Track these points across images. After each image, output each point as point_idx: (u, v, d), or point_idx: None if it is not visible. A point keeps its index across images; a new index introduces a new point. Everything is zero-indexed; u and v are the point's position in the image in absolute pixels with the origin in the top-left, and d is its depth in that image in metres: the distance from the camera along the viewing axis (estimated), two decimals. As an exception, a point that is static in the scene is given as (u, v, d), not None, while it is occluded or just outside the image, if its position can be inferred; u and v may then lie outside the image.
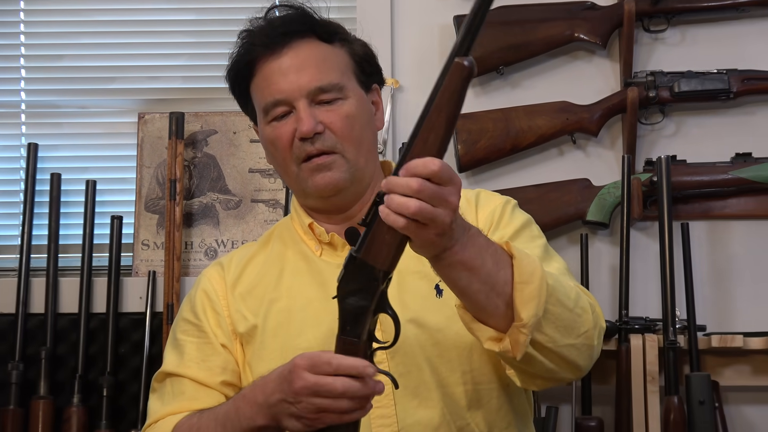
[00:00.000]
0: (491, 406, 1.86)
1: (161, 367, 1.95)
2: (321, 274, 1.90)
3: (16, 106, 2.88)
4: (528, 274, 1.60)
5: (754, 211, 2.70)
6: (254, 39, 1.92)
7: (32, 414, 2.61)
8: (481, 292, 1.59)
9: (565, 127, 2.70)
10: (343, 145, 1.87)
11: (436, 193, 1.45)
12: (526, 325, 1.59)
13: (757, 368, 2.61)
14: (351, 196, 1.92)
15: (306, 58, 1.88)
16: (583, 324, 1.71)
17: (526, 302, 1.59)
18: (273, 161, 1.96)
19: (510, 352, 1.61)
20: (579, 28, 2.70)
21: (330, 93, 1.87)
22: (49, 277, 2.69)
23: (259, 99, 1.92)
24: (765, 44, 2.74)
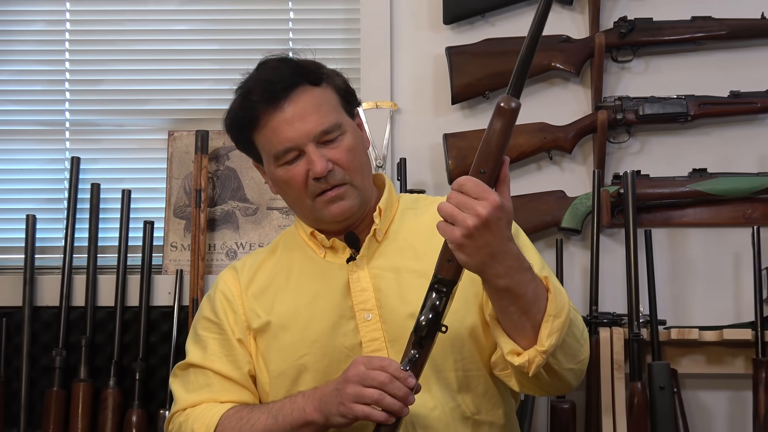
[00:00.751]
0: (479, 390, 1.86)
1: (185, 359, 1.96)
2: (325, 272, 1.90)
3: (61, 124, 2.88)
4: (558, 309, 1.67)
5: (708, 219, 2.70)
6: (254, 96, 1.89)
7: (73, 395, 2.60)
8: (516, 314, 1.65)
9: (543, 145, 2.70)
10: (351, 176, 1.88)
11: (462, 200, 1.54)
12: (546, 351, 1.66)
13: (711, 358, 2.60)
14: (359, 215, 1.93)
15: (305, 106, 1.87)
16: (583, 353, 1.79)
17: (552, 333, 1.66)
18: (285, 196, 1.95)
19: (526, 368, 1.67)
20: (555, 59, 2.70)
21: (332, 133, 1.87)
22: (89, 274, 2.69)
23: (268, 147, 1.89)
24: (719, 73, 2.73)
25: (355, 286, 1.87)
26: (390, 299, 1.85)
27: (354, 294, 1.86)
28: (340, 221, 1.90)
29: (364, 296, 1.86)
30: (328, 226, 1.92)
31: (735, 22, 2.70)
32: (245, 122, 1.91)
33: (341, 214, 1.87)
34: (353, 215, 1.90)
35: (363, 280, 1.88)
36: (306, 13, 2.87)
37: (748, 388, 2.52)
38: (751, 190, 2.64)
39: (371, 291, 1.86)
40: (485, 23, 2.78)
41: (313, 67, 1.93)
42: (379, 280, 1.87)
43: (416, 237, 1.92)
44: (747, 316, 2.62)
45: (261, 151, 1.93)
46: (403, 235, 1.94)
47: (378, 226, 1.91)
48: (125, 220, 2.72)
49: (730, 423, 2.66)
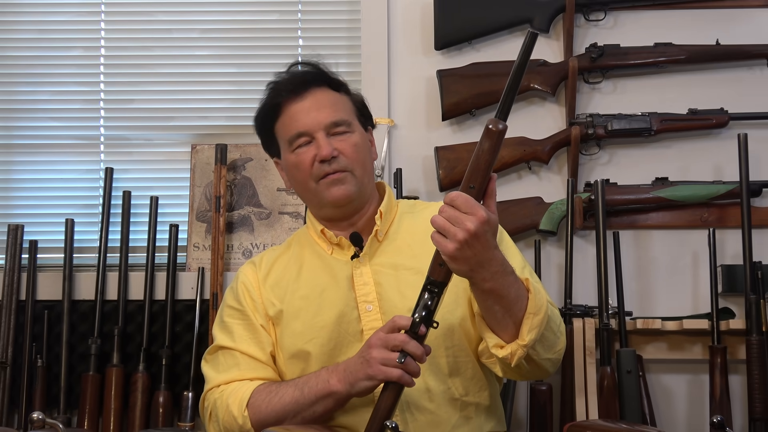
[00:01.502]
0: (467, 374, 1.86)
1: (213, 343, 1.94)
2: (332, 268, 1.90)
3: (96, 138, 2.86)
4: (537, 308, 1.68)
5: (670, 222, 2.69)
6: (280, 87, 1.94)
7: (107, 378, 2.59)
8: (500, 312, 1.67)
9: (523, 157, 2.68)
10: (352, 165, 1.88)
11: (452, 214, 1.55)
12: (527, 345, 1.68)
13: (672, 345, 2.59)
14: (356, 207, 1.93)
15: (322, 101, 1.91)
16: (560, 344, 1.80)
17: (532, 329, 1.68)
18: (293, 181, 1.95)
19: (509, 359, 1.69)
20: (534, 80, 2.69)
21: (341, 126, 1.90)
22: (121, 271, 2.67)
23: (284, 133, 1.92)
24: (678, 93, 2.73)
25: (358, 281, 1.87)
26: (389, 293, 1.84)
27: (357, 287, 1.86)
28: (340, 205, 1.89)
29: (366, 289, 1.86)
30: (330, 211, 1.92)
31: (693, 47, 2.68)
32: (269, 111, 1.94)
33: (340, 197, 1.87)
34: (351, 202, 1.90)
35: (365, 275, 1.88)
36: (313, 40, 2.86)
37: (705, 372, 2.51)
38: (707, 197, 2.63)
39: (372, 285, 1.86)
40: (472, 49, 2.77)
41: (336, 76, 1.98)
42: (380, 276, 1.88)
43: (413, 238, 1.92)
44: (704, 307, 2.61)
45: (280, 141, 1.95)
46: (401, 236, 1.94)
47: (379, 227, 1.92)
48: (153, 224, 2.70)
49: (688, 403, 2.64)
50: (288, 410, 1.74)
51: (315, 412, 1.73)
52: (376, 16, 2.78)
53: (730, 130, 2.66)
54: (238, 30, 2.88)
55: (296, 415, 1.74)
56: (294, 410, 1.74)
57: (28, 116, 2.87)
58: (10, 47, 2.88)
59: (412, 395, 1.79)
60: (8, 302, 2.63)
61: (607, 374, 2.41)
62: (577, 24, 2.73)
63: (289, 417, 1.74)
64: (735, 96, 2.70)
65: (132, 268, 2.70)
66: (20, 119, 2.87)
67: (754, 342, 2.37)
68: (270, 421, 1.75)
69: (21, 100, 2.88)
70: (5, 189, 2.85)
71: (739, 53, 2.69)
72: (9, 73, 2.88)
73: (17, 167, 2.86)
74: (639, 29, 2.74)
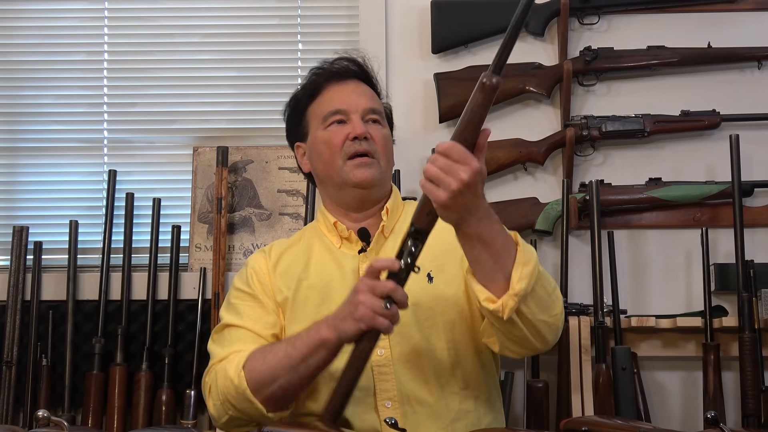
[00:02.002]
0: (467, 367, 1.86)
1: (220, 323, 1.92)
2: (340, 261, 1.91)
3: (99, 141, 2.88)
4: (527, 259, 1.65)
5: (663, 222, 2.70)
6: (324, 71, 1.98)
7: (111, 377, 2.60)
8: (488, 262, 1.64)
9: (519, 158, 2.70)
10: (379, 154, 1.92)
11: (445, 164, 1.53)
12: (518, 294, 1.63)
13: (666, 342, 2.60)
14: (373, 197, 1.94)
15: (363, 90, 1.97)
16: (556, 308, 1.75)
17: (522, 278, 1.64)
18: (319, 160, 1.95)
19: (500, 312, 1.64)
20: (529, 83, 2.70)
21: (377, 115, 1.94)
22: (124, 272, 2.68)
23: (319, 111, 1.95)
24: (671, 95, 2.74)
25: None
26: None
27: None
28: (362, 188, 1.90)
29: None
30: (349, 193, 1.92)
31: (685, 50, 2.70)
32: (308, 91, 1.97)
33: (364, 179, 1.89)
34: (373, 187, 1.92)
35: None
36: (312, 45, 2.88)
37: (698, 369, 2.52)
38: (700, 197, 2.64)
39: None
40: (468, 52, 2.78)
41: (377, 82, 2.03)
42: None
43: None
44: (697, 305, 2.62)
45: (310, 121, 1.96)
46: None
47: (386, 222, 1.93)
48: (156, 225, 2.71)
49: (682, 399, 2.65)
50: (282, 365, 1.71)
51: (309, 366, 1.69)
52: (374, 20, 2.79)
53: (722, 131, 2.68)
54: (238, 35, 2.89)
55: (291, 370, 1.70)
56: (288, 365, 1.71)
57: (32, 120, 2.88)
58: (14, 52, 2.90)
59: (412, 388, 1.80)
60: (13, 302, 2.64)
61: (603, 371, 2.42)
62: (571, 27, 2.75)
63: (283, 373, 1.71)
64: (727, 98, 2.72)
65: (135, 269, 2.71)
66: (25, 123, 2.89)
67: (746, 339, 2.38)
68: (265, 379, 1.72)
69: (26, 104, 2.89)
70: (10, 191, 2.87)
71: (731, 56, 2.71)
72: (14, 77, 2.89)
73: (22, 170, 2.87)
74: (632, 33, 2.76)
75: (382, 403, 1.79)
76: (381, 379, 1.80)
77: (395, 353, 1.81)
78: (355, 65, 2.01)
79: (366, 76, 2.01)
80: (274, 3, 2.88)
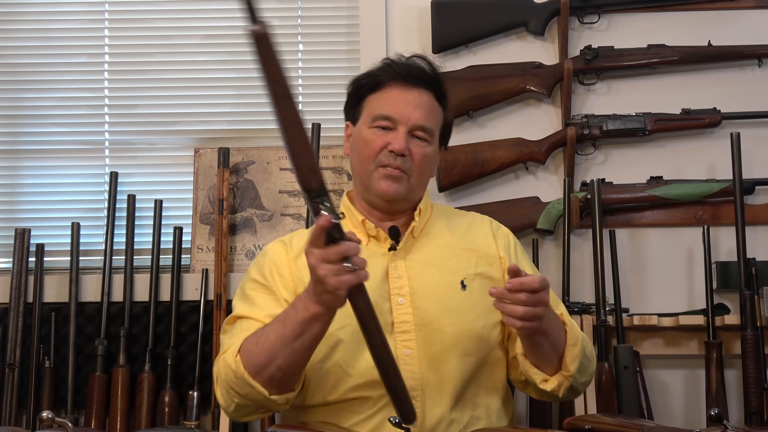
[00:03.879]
0: (482, 378, 1.87)
1: (232, 313, 1.89)
2: (368, 258, 1.82)
3: (101, 143, 2.87)
4: (575, 339, 1.78)
5: (664, 220, 2.69)
6: (394, 67, 1.93)
7: (113, 379, 2.59)
8: (548, 348, 1.75)
9: (520, 158, 2.69)
10: (413, 171, 1.89)
11: (537, 298, 1.62)
12: (572, 375, 1.77)
13: (668, 341, 2.60)
14: (398, 207, 1.93)
15: (423, 102, 1.90)
16: (593, 366, 1.87)
17: (574, 359, 1.77)
18: (355, 152, 1.94)
19: (557, 392, 1.79)
20: (530, 82, 2.70)
21: (424, 133, 1.90)
22: (126, 274, 2.67)
23: (374, 107, 1.91)
24: (671, 93, 2.73)
25: (393, 273, 1.86)
26: (421, 288, 1.84)
27: (391, 280, 1.85)
28: (385, 199, 1.89)
29: (399, 283, 1.85)
30: (373, 198, 1.91)
31: (685, 48, 2.69)
32: (371, 82, 1.93)
33: (387, 193, 1.87)
34: (396, 202, 1.91)
35: (400, 268, 1.87)
36: (313, 45, 2.87)
37: (700, 367, 2.52)
38: (701, 195, 2.63)
39: (406, 279, 1.86)
40: (468, 52, 2.77)
41: (445, 93, 1.97)
42: (413, 271, 1.88)
43: (446, 241, 1.94)
44: (699, 304, 2.61)
45: (363, 110, 1.93)
46: (434, 237, 1.95)
47: (417, 223, 1.92)
48: (157, 226, 2.70)
49: (685, 397, 2.64)
50: (277, 346, 1.67)
51: (304, 341, 1.65)
52: (375, 21, 2.78)
53: (723, 129, 2.67)
54: (238, 36, 2.86)
55: (286, 348, 1.66)
56: (282, 344, 1.66)
57: (33, 122, 2.88)
58: (15, 54, 2.89)
59: (436, 390, 1.80)
60: (16, 305, 2.64)
61: (605, 370, 2.42)
62: (571, 27, 2.74)
63: (279, 353, 1.67)
64: (727, 96, 2.71)
65: (137, 271, 2.70)
66: (26, 125, 2.88)
67: (749, 337, 2.37)
68: (262, 362, 1.68)
69: (27, 106, 2.88)
70: (12, 194, 2.86)
71: (731, 54, 2.70)
72: (15, 80, 2.89)
73: (23, 172, 2.86)
74: (632, 31, 2.75)
75: None
76: (407, 377, 1.76)
77: (421, 353, 1.81)
78: (427, 74, 1.94)
79: (435, 86, 1.94)
80: (274, 4, 2.87)
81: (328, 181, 2.70)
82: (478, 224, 2.02)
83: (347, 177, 2.74)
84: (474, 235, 1.98)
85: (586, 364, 1.81)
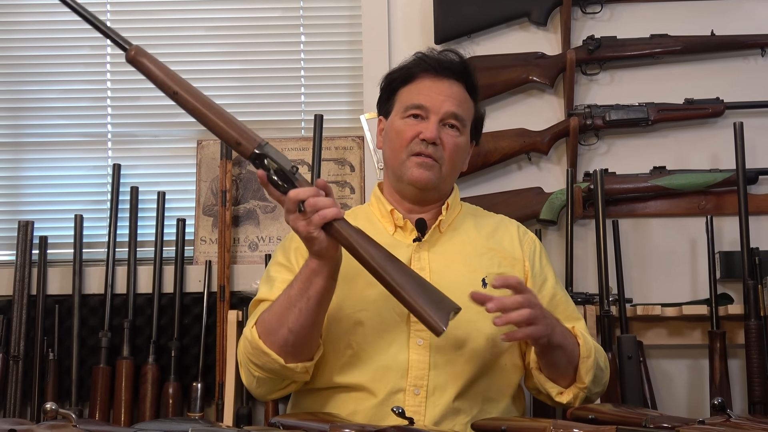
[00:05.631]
0: (494, 375, 1.87)
1: (255, 297, 1.92)
2: (393, 247, 1.82)
3: (103, 135, 2.87)
4: (588, 351, 1.81)
5: (668, 210, 2.69)
6: (426, 60, 1.95)
7: (117, 371, 2.60)
8: (563, 361, 1.79)
9: (523, 148, 2.68)
10: (445, 160, 1.90)
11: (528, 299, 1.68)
12: (586, 387, 1.81)
13: (672, 331, 2.59)
14: (428, 197, 1.94)
15: (454, 93, 1.92)
16: (605, 377, 1.91)
17: (588, 371, 1.80)
18: (388, 144, 1.95)
19: (573, 403, 1.81)
20: (532, 72, 2.69)
21: (457, 121, 1.90)
22: (129, 266, 2.68)
23: (405, 98, 1.93)
24: (674, 83, 2.72)
25: (415, 264, 1.87)
26: (442, 282, 1.82)
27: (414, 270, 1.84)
28: (416, 187, 1.90)
29: (421, 274, 1.83)
30: (404, 186, 1.92)
31: (688, 38, 2.68)
32: (404, 75, 1.95)
33: (419, 180, 1.88)
34: (426, 190, 1.91)
35: (423, 260, 1.89)
36: (315, 36, 2.86)
37: (704, 357, 2.52)
38: (704, 185, 2.63)
39: (428, 271, 1.87)
40: (471, 42, 2.76)
41: (476, 86, 1.99)
42: (436, 265, 1.89)
43: (471, 240, 1.96)
44: (702, 293, 2.61)
45: (396, 103, 1.95)
46: (460, 234, 1.96)
47: (444, 218, 1.93)
48: (160, 218, 2.70)
49: (688, 387, 2.65)
50: (285, 307, 1.72)
51: (310, 299, 1.70)
52: (377, 11, 2.78)
53: (726, 119, 2.66)
54: (241, 27, 2.88)
55: (293, 308, 1.71)
56: (289, 306, 1.71)
57: (36, 115, 2.88)
58: (17, 47, 2.89)
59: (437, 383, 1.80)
60: (19, 297, 2.64)
61: (609, 360, 2.41)
62: (574, 17, 2.73)
63: (288, 314, 1.71)
64: (730, 85, 2.70)
65: (140, 262, 2.70)
66: (29, 118, 2.88)
67: (752, 327, 2.37)
68: (273, 326, 1.73)
69: (29, 99, 2.88)
70: (15, 186, 2.86)
71: (734, 43, 2.69)
72: (17, 72, 2.89)
73: (26, 165, 2.86)
74: (635, 21, 2.74)
75: (411, 390, 1.79)
76: (416, 366, 1.80)
77: (434, 345, 1.81)
78: (459, 66, 1.96)
79: (466, 78, 1.96)
80: (276, -5, 2.87)
81: (331, 173, 2.70)
82: (505, 226, 2.04)
83: (350, 168, 2.74)
84: (500, 237, 2.00)
85: (600, 375, 1.85)
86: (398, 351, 1.80)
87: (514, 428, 1.55)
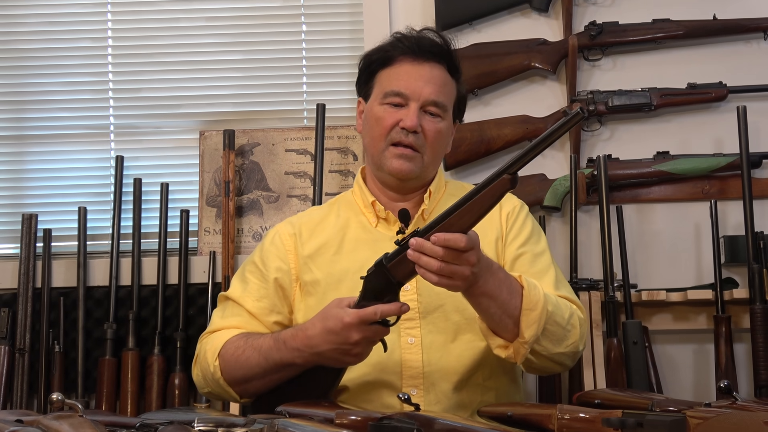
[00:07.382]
0: (491, 361, 1.84)
1: (228, 290, 1.92)
2: (376, 242, 1.85)
3: (106, 127, 2.86)
4: (533, 303, 1.65)
5: (671, 195, 2.68)
6: (404, 42, 1.89)
7: (123, 362, 2.60)
8: (497, 314, 1.65)
9: (526, 135, 2.67)
10: (426, 149, 1.85)
11: (457, 256, 1.52)
12: (528, 342, 1.65)
13: (676, 316, 2.59)
14: (411, 186, 1.90)
15: (435, 77, 1.86)
16: (572, 337, 1.75)
17: (530, 325, 1.65)
18: (366, 131, 1.91)
19: (513, 358, 1.68)
20: (535, 59, 2.68)
21: (437, 108, 1.85)
22: (134, 257, 2.67)
23: (385, 83, 1.88)
24: (677, 68, 2.71)
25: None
26: None
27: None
28: (397, 178, 1.87)
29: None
30: (385, 177, 1.89)
31: (690, 23, 2.67)
32: (382, 57, 1.89)
33: (399, 172, 1.85)
34: (408, 181, 1.88)
35: None
36: (316, 25, 2.85)
37: (709, 342, 2.51)
38: (708, 169, 2.62)
39: None
40: (472, 30, 2.75)
41: (457, 62, 1.92)
42: None
43: None
44: (707, 278, 2.60)
45: (375, 86, 1.90)
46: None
47: (426, 206, 1.90)
48: (164, 210, 2.70)
49: (694, 372, 2.64)
50: (254, 373, 1.75)
51: (282, 376, 1.74)
52: (378, 0, 2.76)
53: (729, 103, 2.65)
54: (242, 17, 2.87)
55: (263, 377, 1.75)
56: (260, 373, 1.75)
57: (38, 107, 2.87)
58: (19, 40, 2.88)
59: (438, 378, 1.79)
60: (24, 290, 2.64)
61: (614, 346, 2.41)
62: (575, 2, 2.72)
63: (256, 378, 1.76)
64: (733, 69, 2.69)
65: (144, 254, 2.70)
66: (31, 110, 2.87)
67: (758, 310, 2.37)
68: (238, 378, 1.77)
69: (31, 92, 2.87)
70: (18, 179, 2.85)
71: (736, 27, 2.68)
72: (19, 65, 2.88)
73: (29, 158, 2.86)
74: (637, 6, 2.73)
75: (408, 390, 1.77)
76: (409, 365, 1.79)
77: (425, 342, 1.80)
78: (439, 47, 1.89)
79: (447, 59, 1.89)
80: (277, -15, 2.86)
81: (334, 163, 2.70)
82: None
83: (353, 157, 2.73)
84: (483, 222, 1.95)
85: (558, 332, 1.70)
86: (390, 352, 1.75)
87: (520, 414, 1.54)
